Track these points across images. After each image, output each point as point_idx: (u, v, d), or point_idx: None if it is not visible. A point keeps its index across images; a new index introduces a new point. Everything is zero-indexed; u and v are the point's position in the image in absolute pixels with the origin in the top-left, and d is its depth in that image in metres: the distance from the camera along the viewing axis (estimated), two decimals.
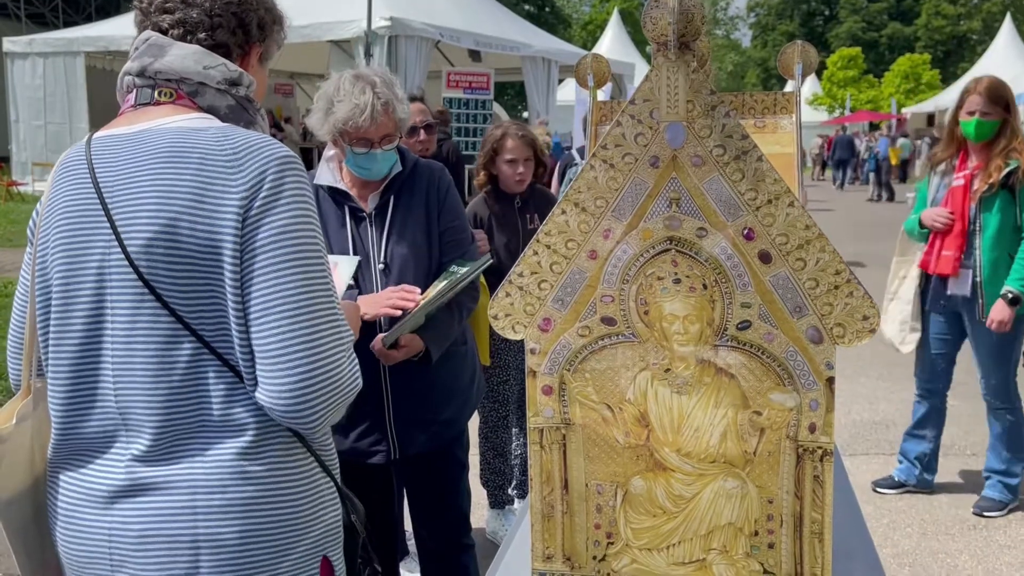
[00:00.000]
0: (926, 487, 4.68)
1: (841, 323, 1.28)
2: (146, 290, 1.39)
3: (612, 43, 26.70)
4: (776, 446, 1.31)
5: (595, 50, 24.76)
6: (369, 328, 2.50)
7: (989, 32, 44.37)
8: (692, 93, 1.28)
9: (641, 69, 23.79)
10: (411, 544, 3.69)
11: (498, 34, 16.46)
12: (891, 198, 22.21)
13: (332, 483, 1.53)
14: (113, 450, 1.46)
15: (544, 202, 3.91)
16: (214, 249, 1.37)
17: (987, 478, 4.50)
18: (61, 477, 1.52)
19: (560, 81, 19.22)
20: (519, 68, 17.25)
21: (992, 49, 31.63)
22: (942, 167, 4.34)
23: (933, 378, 4.57)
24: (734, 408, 1.32)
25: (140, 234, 1.40)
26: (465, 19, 15.94)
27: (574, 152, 15.97)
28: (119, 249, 1.41)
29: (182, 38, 1.56)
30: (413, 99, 3.81)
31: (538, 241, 1.36)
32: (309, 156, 16.55)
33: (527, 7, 36.25)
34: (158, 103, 1.52)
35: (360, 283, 2.60)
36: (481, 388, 3.01)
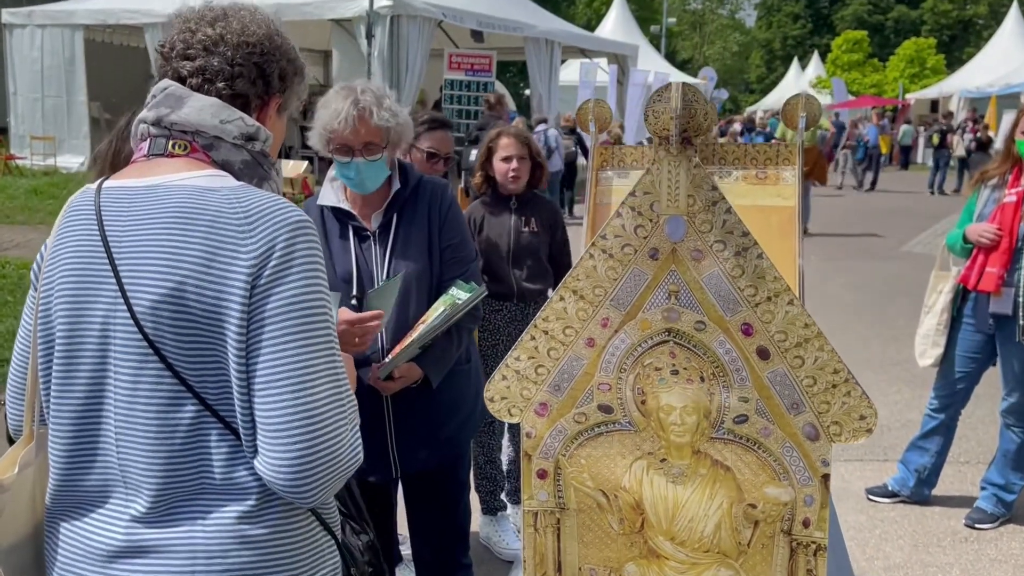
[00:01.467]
0: (921, 499, 4.70)
1: (838, 421, 1.28)
2: (150, 350, 1.38)
3: (615, 24, 26.42)
4: (770, 539, 1.31)
5: (598, 31, 24.51)
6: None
7: (996, 17, 44.02)
8: (693, 188, 1.27)
9: (645, 51, 23.64)
10: (403, 549, 3.70)
11: (501, 14, 16.31)
12: (873, 186, 21.16)
13: (332, 539, 1.53)
14: (111, 506, 1.46)
15: (543, 210, 3.86)
16: (219, 314, 1.36)
17: (983, 488, 4.51)
18: (60, 527, 1.52)
19: (563, 61, 19.09)
20: (521, 47, 17.12)
21: (999, 35, 31.41)
22: (994, 181, 4.30)
23: (951, 395, 4.56)
24: (729, 500, 1.32)
25: (147, 295, 1.38)
26: None
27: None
28: (124, 307, 1.40)
29: (200, 87, 1.53)
30: (441, 126, 3.77)
31: (535, 327, 1.35)
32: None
33: None
34: (171, 155, 1.50)
35: (362, 301, 2.60)
36: (486, 407, 3.00)
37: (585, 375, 1.35)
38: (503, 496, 4.22)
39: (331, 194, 2.69)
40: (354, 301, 2.54)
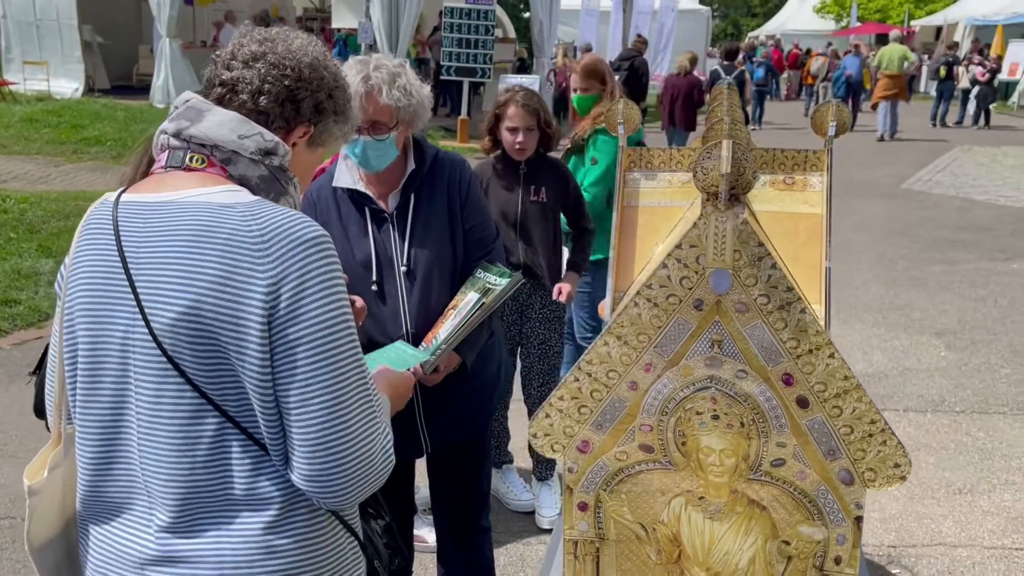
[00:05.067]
0: None
1: (873, 468, 1.33)
2: (170, 366, 1.42)
3: None
4: (803, 574, 1.38)
5: None
6: (395, 318, 2.51)
7: None
8: (740, 243, 1.30)
9: None
10: (418, 498, 3.77)
11: None
12: (852, 126, 20.43)
13: (355, 541, 1.60)
14: (135, 515, 1.51)
15: (554, 176, 3.79)
16: (239, 334, 1.39)
17: None
18: (91, 531, 1.58)
19: None
20: None
21: None
22: None
23: None
24: (764, 536, 1.39)
25: (165, 312, 1.41)
26: None
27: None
28: (143, 324, 1.43)
29: (224, 96, 1.54)
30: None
31: (579, 369, 1.39)
32: None
33: None
34: (189, 168, 1.51)
35: (383, 287, 2.59)
36: (508, 375, 3.02)
37: (627, 416, 1.40)
38: (509, 448, 4.31)
39: (346, 174, 2.60)
40: (374, 287, 2.53)
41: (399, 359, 2.32)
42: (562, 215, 3.84)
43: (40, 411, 1.96)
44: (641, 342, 1.36)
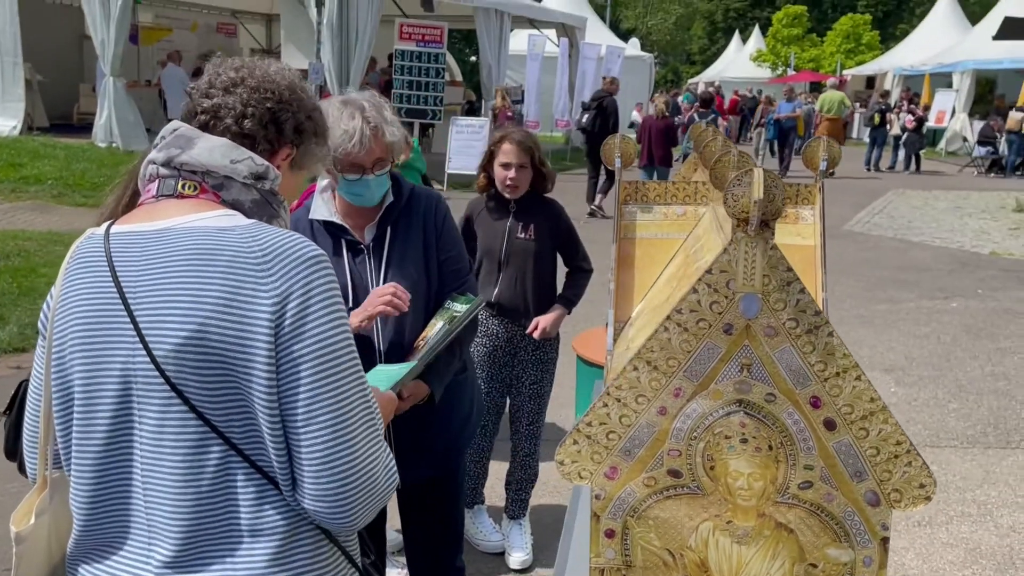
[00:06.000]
0: None
1: (899, 489, 1.36)
2: (174, 395, 1.39)
3: None
4: None
5: (545, 1, 24.29)
6: (368, 347, 2.51)
7: None
8: (769, 268, 1.33)
9: (593, 23, 23.57)
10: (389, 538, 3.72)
11: None
12: (785, 170, 18.99)
13: (356, 573, 1.58)
14: (134, 551, 1.47)
15: (545, 214, 3.74)
16: (245, 356, 1.38)
17: None
18: (82, 571, 1.53)
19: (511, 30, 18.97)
20: (469, 16, 16.98)
21: (932, 14, 32.10)
22: None
23: None
24: (791, 560, 1.40)
25: (168, 339, 1.39)
26: None
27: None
28: (144, 354, 1.40)
29: (208, 123, 1.55)
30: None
31: (608, 394, 1.40)
32: None
33: None
34: (181, 195, 1.50)
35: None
36: (480, 412, 3.05)
37: (656, 441, 1.41)
38: (484, 490, 4.28)
39: (322, 207, 2.65)
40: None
41: (387, 378, 2.35)
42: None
43: (11, 453, 1.90)
44: (671, 367, 1.38)
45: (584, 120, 13.18)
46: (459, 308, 2.56)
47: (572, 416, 5.20)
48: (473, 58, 30.94)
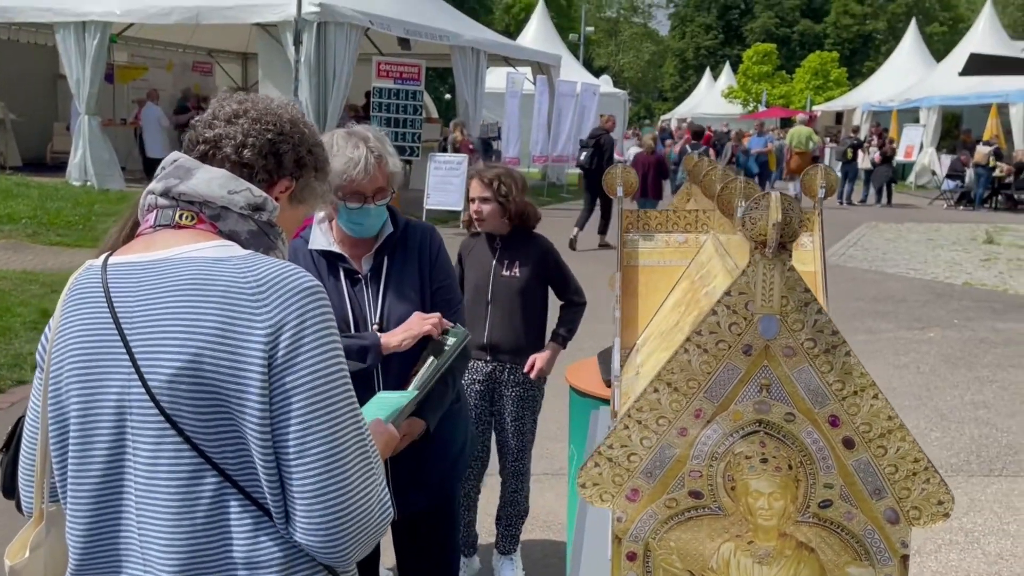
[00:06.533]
0: None
1: (918, 506, 1.38)
2: (168, 425, 1.39)
3: (536, 33, 26.66)
4: None
5: (519, 40, 24.65)
6: (367, 377, 2.53)
7: (893, 32, 46.10)
8: (787, 289, 1.35)
9: (567, 61, 23.89)
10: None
11: (428, 22, 16.30)
12: None
13: None
14: None
15: (530, 250, 3.73)
16: (239, 386, 1.38)
17: None
18: None
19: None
20: (446, 55, 17.15)
21: (897, 52, 32.87)
22: None
23: None
24: None
25: (163, 369, 1.39)
26: (395, 7, 15.72)
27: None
28: (139, 384, 1.40)
29: (208, 153, 1.56)
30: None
31: (629, 416, 1.41)
32: None
33: None
34: (179, 226, 1.51)
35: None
36: (473, 444, 3.07)
37: (677, 463, 1.42)
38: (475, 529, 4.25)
39: (321, 237, 2.71)
40: (376, 327, 2.58)
41: (387, 405, 2.37)
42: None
43: (9, 491, 1.89)
44: (691, 388, 1.40)
45: (582, 157, 13.77)
46: (449, 341, 2.58)
47: (566, 449, 5.19)
48: (448, 96, 31.19)
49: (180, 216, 1.51)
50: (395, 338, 2.50)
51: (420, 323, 2.51)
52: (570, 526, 3.74)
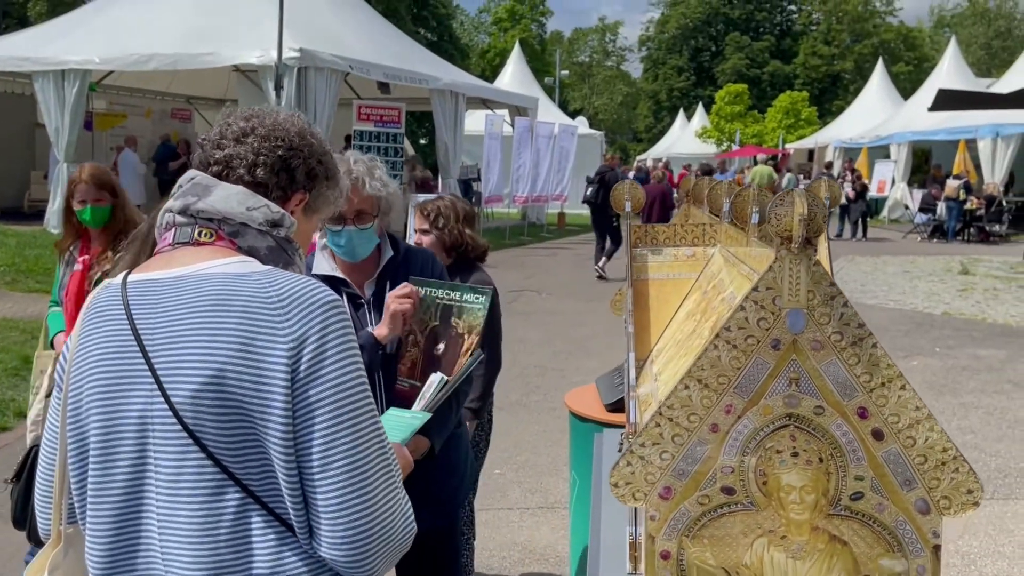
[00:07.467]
0: None
1: (947, 496, 1.40)
2: (191, 441, 1.38)
3: (512, 77, 27.04)
4: None
5: (497, 83, 24.94)
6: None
7: (861, 72, 47.16)
8: (813, 283, 1.38)
9: (544, 103, 24.20)
10: None
11: (407, 66, 16.48)
12: None
13: None
14: None
15: (465, 280, 3.72)
16: (262, 401, 1.38)
17: None
18: None
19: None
20: (426, 98, 17.32)
21: (866, 91, 33.61)
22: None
23: None
24: (846, 572, 1.42)
25: (186, 385, 1.39)
26: (374, 51, 15.89)
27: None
28: (162, 400, 1.39)
29: (221, 173, 1.57)
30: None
31: (660, 414, 1.43)
32: None
33: (427, 35, 36.32)
34: (198, 243, 1.52)
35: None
36: (475, 467, 3.09)
37: (709, 459, 1.43)
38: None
39: (324, 263, 2.76)
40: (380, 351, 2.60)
41: (401, 425, 2.37)
42: None
43: (19, 522, 1.86)
44: (721, 384, 1.41)
45: (588, 192, 14.47)
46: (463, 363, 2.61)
47: (560, 483, 5.17)
48: (423, 141, 31.44)
49: (199, 233, 1.52)
50: (383, 328, 2.58)
51: (396, 304, 2.58)
52: (572, 558, 3.72)
